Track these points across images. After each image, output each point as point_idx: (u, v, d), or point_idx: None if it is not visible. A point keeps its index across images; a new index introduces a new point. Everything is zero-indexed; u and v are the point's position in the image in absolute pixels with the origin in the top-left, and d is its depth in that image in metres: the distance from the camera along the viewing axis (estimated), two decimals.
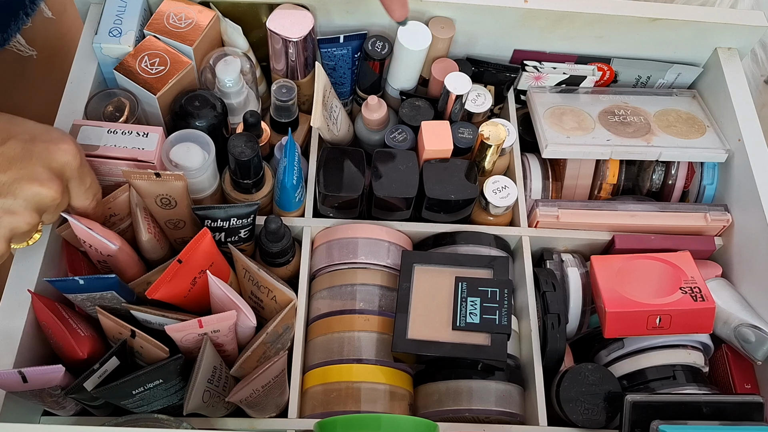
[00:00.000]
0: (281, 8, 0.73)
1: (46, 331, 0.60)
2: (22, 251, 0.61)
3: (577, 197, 0.79)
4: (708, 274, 0.73)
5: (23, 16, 0.68)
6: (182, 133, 0.66)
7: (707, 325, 0.64)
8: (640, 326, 0.64)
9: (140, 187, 0.61)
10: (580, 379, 0.63)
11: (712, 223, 0.73)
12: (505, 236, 0.73)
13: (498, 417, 0.63)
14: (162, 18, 0.71)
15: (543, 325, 0.67)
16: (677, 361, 0.66)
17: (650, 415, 0.59)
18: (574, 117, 0.78)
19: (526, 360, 0.67)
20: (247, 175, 0.67)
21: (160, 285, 0.59)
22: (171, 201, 0.63)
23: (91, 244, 0.61)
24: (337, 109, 0.74)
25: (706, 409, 0.60)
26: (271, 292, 0.64)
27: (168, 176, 0.60)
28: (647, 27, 0.78)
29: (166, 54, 0.70)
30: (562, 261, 0.72)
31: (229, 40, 0.75)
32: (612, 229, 0.73)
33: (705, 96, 0.82)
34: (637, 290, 0.65)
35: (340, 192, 0.69)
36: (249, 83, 0.74)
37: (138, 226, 0.63)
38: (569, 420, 0.62)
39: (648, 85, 0.84)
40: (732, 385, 0.68)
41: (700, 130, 0.78)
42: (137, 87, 0.68)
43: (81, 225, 0.59)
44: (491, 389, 0.63)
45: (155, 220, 0.65)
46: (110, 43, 0.70)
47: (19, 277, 0.60)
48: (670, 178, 0.78)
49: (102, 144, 0.63)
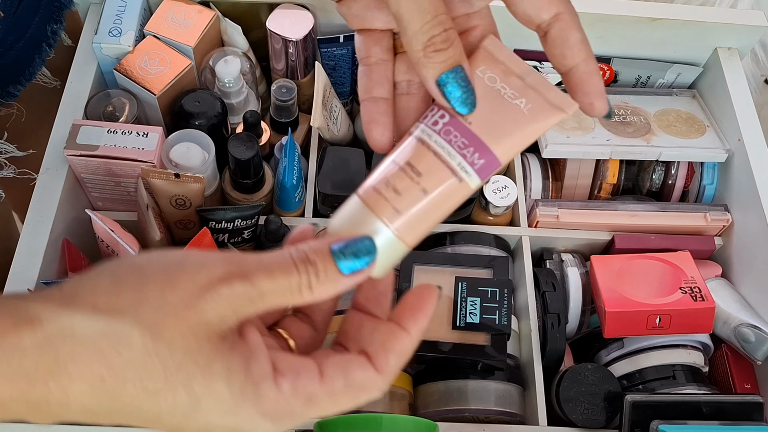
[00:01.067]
0: (281, 8, 0.73)
1: None
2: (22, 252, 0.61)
3: (577, 197, 0.79)
4: (708, 274, 0.73)
5: (46, 47, 0.67)
6: (182, 133, 0.66)
7: (707, 325, 0.64)
8: (639, 326, 0.64)
9: (157, 186, 0.61)
10: (580, 378, 0.63)
11: (711, 222, 0.73)
12: (504, 236, 0.73)
13: (498, 417, 0.63)
14: (162, 18, 0.71)
15: (543, 325, 0.67)
16: (677, 361, 0.66)
17: (650, 415, 0.59)
18: (574, 117, 0.78)
19: (526, 360, 0.67)
20: (247, 175, 0.67)
21: None
22: (186, 202, 0.63)
23: (108, 244, 0.61)
24: (337, 109, 0.74)
25: (705, 409, 0.60)
26: None
27: (187, 177, 0.61)
28: (647, 27, 0.78)
29: (165, 54, 0.69)
30: (562, 261, 0.72)
31: (229, 40, 0.75)
32: (612, 228, 0.73)
33: (705, 96, 0.82)
34: (636, 290, 0.65)
35: (340, 192, 0.68)
36: (249, 83, 0.74)
37: (150, 226, 0.63)
38: (569, 420, 0.62)
39: (648, 85, 0.84)
40: (732, 384, 0.68)
41: (700, 130, 0.78)
42: (137, 87, 0.68)
43: (103, 225, 0.59)
44: (491, 389, 0.63)
45: (164, 219, 0.65)
46: (110, 43, 0.70)
47: (18, 277, 0.60)
48: (670, 178, 0.78)
49: (102, 144, 0.63)
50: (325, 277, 0.31)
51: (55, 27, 0.67)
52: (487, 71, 0.35)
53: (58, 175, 0.65)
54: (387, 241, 0.34)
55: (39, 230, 0.62)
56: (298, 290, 0.30)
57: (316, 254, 0.31)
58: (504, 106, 0.35)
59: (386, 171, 0.34)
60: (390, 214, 0.34)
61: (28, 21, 0.64)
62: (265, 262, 0.30)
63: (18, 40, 0.64)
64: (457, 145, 0.34)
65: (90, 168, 0.64)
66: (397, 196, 0.34)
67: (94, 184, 0.67)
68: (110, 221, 0.60)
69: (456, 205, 0.35)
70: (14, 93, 0.65)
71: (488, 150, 0.34)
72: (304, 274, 0.30)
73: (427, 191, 0.34)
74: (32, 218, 0.62)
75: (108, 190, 0.67)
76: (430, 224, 0.34)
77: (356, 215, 0.34)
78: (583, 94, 0.34)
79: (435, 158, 0.34)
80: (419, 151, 0.34)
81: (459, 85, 0.33)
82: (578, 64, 0.34)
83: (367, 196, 0.34)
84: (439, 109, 0.35)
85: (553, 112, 0.35)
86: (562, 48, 0.34)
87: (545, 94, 0.35)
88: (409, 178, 0.34)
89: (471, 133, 0.34)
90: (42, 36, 0.66)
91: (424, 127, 0.35)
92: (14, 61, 0.64)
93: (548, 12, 0.33)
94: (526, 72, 0.35)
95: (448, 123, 0.34)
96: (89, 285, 0.29)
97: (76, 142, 0.63)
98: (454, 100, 0.34)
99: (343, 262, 0.32)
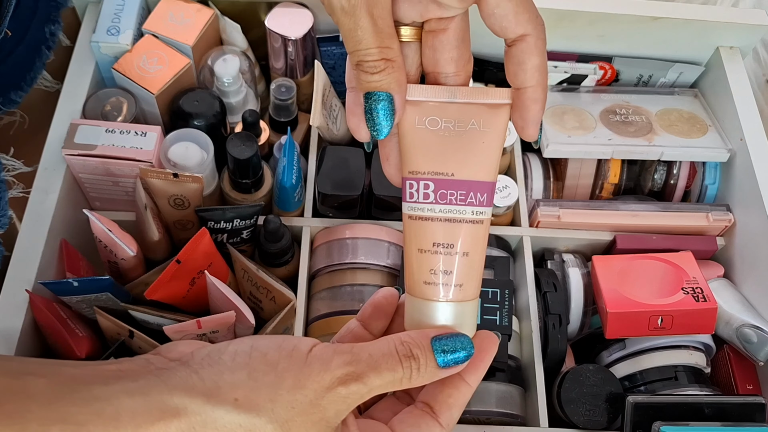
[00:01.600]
0: (280, 6, 0.73)
1: (45, 331, 0.60)
2: (20, 251, 0.60)
3: (579, 197, 0.79)
4: (710, 274, 0.72)
5: (45, 50, 0.67)
6: (181, 133, 0.65)
7: (709, 326, 0.64)
8: (641, 327, 0.64)
9: (156, 186, 0.61)
10: (582, 379, 0.63)
11: (713, 223, 0.72)
12: (506, 236, 0.72)
13: (499, 418, 0.62)
14: (160, 16, 0.71)
15: (544, 326, 0.66)
16: (679, 362, 0.66)
17: (652, 416, 0.59)
18: (576, 116, 0.78)
19: (527, 361, 0.67)
20: (246, 175, 0.67)
21: (159, 286, 0.58)
22: (184, 202, 0.63)
23: (107, 245, 0.60)
24: (337, 108, 0.74)
25: (707, 410, 0.59)
26: (270, 292, 0.63)
27: (185, 177, 0.60)
28: (649, 26, 0.77)
29: (164, 52, 0.69)
30: (564, 261, 0.72)
31: (228, 39, 0.74)
32: (613, 229, 0.73)
33: (707, 95, 0.82)
34: (638, 291, 0.65)
35: (339, 192, 0.68)
36: (248, 82, 0.74)
37: (149, 226, 0.62)
38: (570, 421, 0.62)
39: (649, 84, 0.84)
40: (734, 385, 0.68)
41: (702, 130, 0.78)
42: (135, 86, 0.68)
43: (101, 225, 0.58)
44: (492, 390, 0.63)
45: (162, 219, 0.65)
46: (108, 42, 0.69)
47: (16, 277, 0.60)
48: (672, 178, 0.78)
49: (100, 143, 0.63)
50: (425, 371, 0.35)
51: (53, 28, 0.66)
52: (424, 117, 0.36)
53: (56, 174, 0.64)
54: (450, 309, 0.36)
55: (37, 230, 0.61)
56: (400, 382, 0.34)
57: (420, 350, 0.35)
58: (462, 138, 0.36)
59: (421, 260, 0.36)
60: (445, 292, 0.36)
61: (27, 23, 0.63)
62: (375, 359, 0.34)
63: (17, 44, 0.63)
64: (460, 201, 0.36)
65: (88, 168, 0.64)
66: (448, 275, 0.36)
67: (92, 184, 0.67)
68: (108, 221, 0.60)
69: (487, 237, 0.37)
70: (16, 100, 0.65)
71: (482, 183, 0.36)
72: (407, 369, 0.34)
73: (467, 253, 0.36)
74: (30, 218, 0.62)
75: (106, 190, 0.67)
76: (480, 268, 0.37)
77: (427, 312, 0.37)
78: (521, 117, 0.36)
79: (452, 224, 0.36)
80: (434, 228, 0.36)
81: (377, 110, 0.35)
82: (527, 88, 0.35)
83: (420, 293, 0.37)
84: (418, 182, 0.36)
85: (499, 111, 0.36)
86: (518, 68, 0.35)
87: (483, 100, 0.36)
88: (447, 255, 0.36)
89: (460, 182, 0.36)
90: (41, 38, 0.65)
91: (422, 205, 0.36)
92: (15, 66, 0.64)
93: (514, 32, 0.34)
94: (452, 95, 0.36)
95: (436, 188, 0.36)
96: (229, 379, 0.33)
97: (74, 141, 0.63)
98: (370, 123, 0.35)
99: (441, 357, 0.35)
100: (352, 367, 0.34)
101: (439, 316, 0.36)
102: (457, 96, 0.36)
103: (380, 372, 0.34)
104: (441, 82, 0.37)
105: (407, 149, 0.37)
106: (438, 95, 0.36)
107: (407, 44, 0.36)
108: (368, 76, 0.34)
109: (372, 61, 0.34)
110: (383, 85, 0.34)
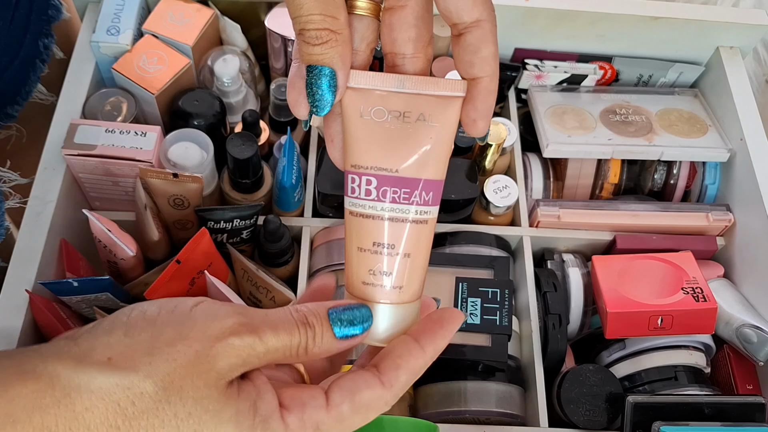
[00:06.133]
0: (280, 6, 0.73)
1: (44, 331, 0.60)
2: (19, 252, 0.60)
3: (579, 197, 0.79)
4: (710, 274, 0.72)
5: (40, 64, 0.66)
6: (180, 133, 0.65)
7: (709, 326, 0.64)
8: (641, 327, 0.64)
9: (155, 186, 0.61)
10: (581, 380, 0.63)
11: (714, 223, 0.72)
12: (505, 236, 0.72)
13: (498, 418, 0.62)
14: (160, 16, 0.71)
15: (544, 326, 0.66)
16: (679, 362, 0.66)
17: (652, 416, 0.58)
18: (576, 116, 0.78)
19: (527, 361, 0.67)
20: (245, 175, 0.67)
21: (159, 286, 0.58)
22: (184, 202, 0.63)
23: (106, 245, 0.60)
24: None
25: (707, 410, 0.59)
26: (269, 292, 0.63)
27: (185, 177, 0.60)
28: (649, 25, 0.77)
29: (164, 52, 0.69)
30: (563, 261, 0.72)
31: (228, 39, 0.74)
32: (613, 229, 0.72)
33: (707, 95, 0.82)
34: (638, 291, 0.65)
35: (339, 192, 0.68)
36: (248, 82, 0.74)
37: (148, 226, 0.62)
38: (570, 421, 0.62)
39: (649, 84, 0.84)
40: (734, 385, 0.68)
41: (702, 130, 0.78)
42: (135, 86, 0.68)
43: (101, 225, 0.58)
44: (492, 390, 0.63)
45: (162, 219, 0.65)
46: (108, 42, 0.69)
47: (16, 277, 0.59)
48: (672, 178, 0.78)
49: (100, 143, 0.63)
50: (321, 341, 0.33)
51: (47, 41, 0.66)
52: (369, 107, 0.34)
53: (55, 174, 0.64)
54: (387, 310, 0.35)
55: (36, 230, 0.61)
56: (296, 350, 0.32)
57: (315, 318, 0.33)
58: (409, 132, 0.33)
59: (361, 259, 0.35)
60: (384, 294, 0.35)
61: (20, 39, 0.63)
62: (271, 319, 0.32)
63: (12, 60, 0.63)
64: (404, 199, 0.34)
65: (88, 168, 0.64)
66: (387, 277, 0.34)
67: (91, 184, 0.66)
68: (108, 221, 0.60)
69: (432, 238, 0.35)
70: (13, 114, 0.65)
71: (428, 181, 0.34)
72: (304, 336, 0.32)
73: (409, 254, 0.34)
74: (29, 218, 0.62)
75: (106, 190, 0.67)
76: (423, 270, 0.35)
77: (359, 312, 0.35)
78: (473, 108, 0.33)
79: (395, 223, 0.34)
80: (375, 226, 0.34)
81: (318, 85, 0.32)
82: (482, 78, 0.33)
83: (359, 292, 0.35)
84: (360, 177, 0.34)
85: (450, 104, 0.33)
86: (473, 57, 0.33)
87: (434, 92, 0.33)
88: (387, 255, 0.34)
89: (405, 180, 0.34)
90: (35, 52, 0.65)
91: (363, 202, 0.34)
92: (10, 81, 0.64)
93: (470, 16, 0.32)
94: (400, 84, 0.34)
95: (379, 185, 0.34)
96: (104, 340, 0.30)
97: (73, 141, 0.63)
98: (310, 98, 0.33)
99: (339, 328, 0.33)
100: (246, 318, 0.31)
101: (377, 318, 0.35)
102: (406, 85, 0.33)
103: (277, 331, 0.32)
104: (398, 64, 0.34)
105: (350, 141, 0.34)
106: (386, 84, 0.33)
107: (359, 18, 0.33)
108: (310, 47, 0.32)
109: (314, 30, 0.31)
110: (325, 59, 0.32)
